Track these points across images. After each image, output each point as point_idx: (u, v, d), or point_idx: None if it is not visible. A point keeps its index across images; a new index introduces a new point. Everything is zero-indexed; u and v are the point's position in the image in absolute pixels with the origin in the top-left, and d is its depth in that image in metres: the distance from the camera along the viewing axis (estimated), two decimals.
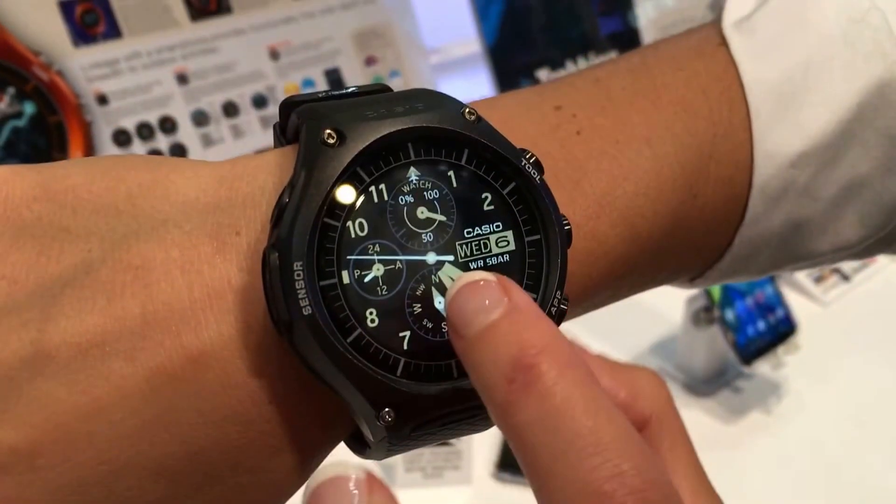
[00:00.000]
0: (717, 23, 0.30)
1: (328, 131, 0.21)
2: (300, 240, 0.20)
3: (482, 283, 0.20)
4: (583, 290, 0.26)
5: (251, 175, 0.22)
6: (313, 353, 0.20)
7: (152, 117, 0.82)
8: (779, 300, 0.94)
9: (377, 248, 0.21)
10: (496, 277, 0.20)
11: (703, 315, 0.89)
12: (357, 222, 0.21)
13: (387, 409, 0.20)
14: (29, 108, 0.76)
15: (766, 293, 0.94)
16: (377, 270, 0.21)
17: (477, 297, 0.20)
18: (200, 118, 0.84)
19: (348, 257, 0.21)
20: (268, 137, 0.87)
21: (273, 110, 0.87)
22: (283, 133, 0.24)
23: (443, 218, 0.22)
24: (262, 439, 0.21)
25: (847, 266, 1.10)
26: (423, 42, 0.94)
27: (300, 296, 0.20)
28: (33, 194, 0.21)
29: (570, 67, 1.05)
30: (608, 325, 0.26)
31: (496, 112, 0.26)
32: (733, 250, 0.29)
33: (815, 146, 0.28)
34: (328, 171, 0.21)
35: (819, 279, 1.08)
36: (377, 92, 0.24)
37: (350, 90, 0.23)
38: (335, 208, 0.21)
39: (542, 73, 1.03)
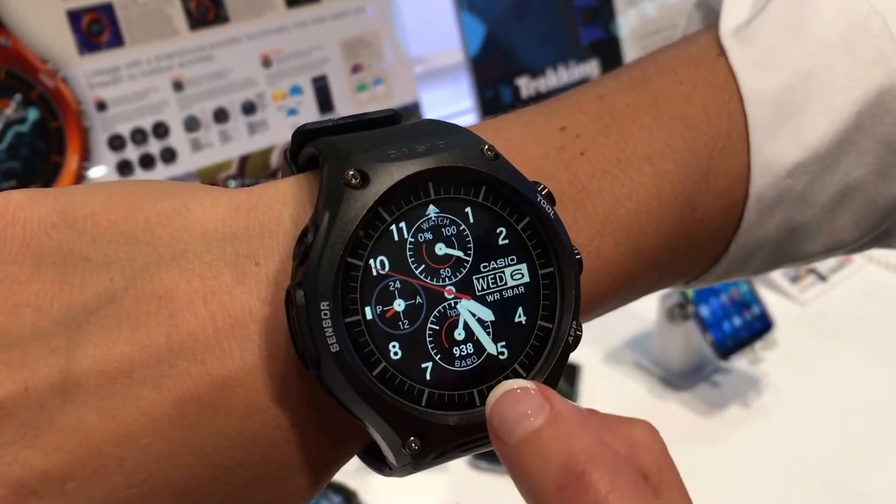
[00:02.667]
0: (713, 28, 0.30)
1: (351, 172, 0.21)
2: (326, 280, 0.20)
3: (522, 390, 0.21)
4: (589, 306, 0.27)
5: (267, 205, 0.23)
6: (341, 388, 0.21)
7: (147, 123, 0.85)
8: (754, 298, 0.97)
9: (398, 284, 0.22)
10: (536, 385, 0.21)
11: (677, 311, 0.91)
12: (378, 260, 0.22)
13: (412, 438, 0.21)
14: (33, 115, 0.79)
15: (740, 291, 0.96)
16: (398, 306, 0.22)
17: (519, 404, 0.20)
18: (192, 124, 0.87)
19: (370, 294, 0.21)
20: (252, 143, 0.91)
21: (260, 117, 0.91)
22: (294, 159, 0.25)
23: (460, 253, 0.23)
24: (283, 459, 0.22)
25: (824, 267, 1.12)
26: (408, 51, 0.97)
27: (327, 334, 0.20)
28: (52, 221, 0.21)
29: (551, 76, 1.09)
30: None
31: (502, 135, 0.27)
32: (729, 256, 0.30)
33: (812, 156, 0.28)
34: (352, 213, 0.21)
35: (795, 279, 1.10)
36: (388, 119, 0.24)
37: (363, 119, 0.24)
38: (358, 247, 0.21)
39: (522, 81, 1.06)
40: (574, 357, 1.05)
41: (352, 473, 0.82)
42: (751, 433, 0.89)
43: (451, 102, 1.08)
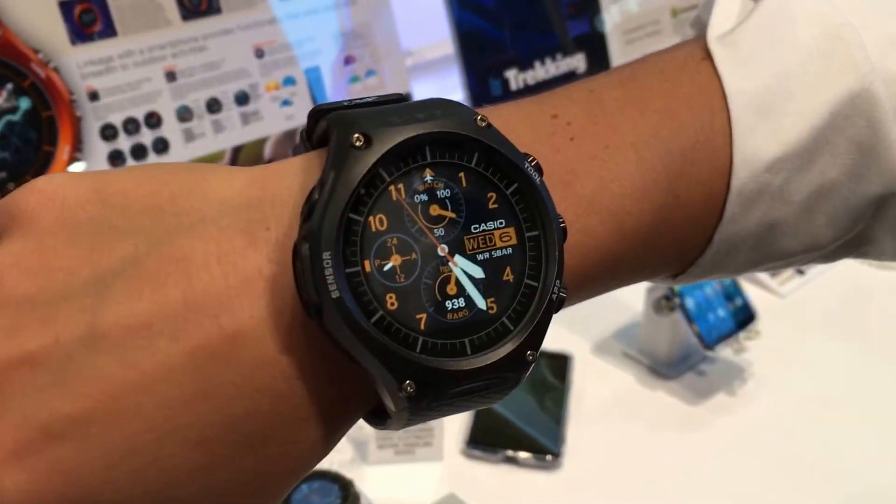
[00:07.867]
0: (700, 38, 0.32)
1: (356, 135, 0.23)
2: (329, 232, 0.22)
3: None
4: (578, 282, 0.28)
5: (279, 177, 0.25)
6: (341, 332, 0.22)
7: (139, 113, 0.84)
8: (737, 290, 0.99)
9: (395, 241, 0.23)
10: None
11: (664, 303, 0.93)
12: (378, 218, 0.23)
13: (408, 382, 0.22)
14: (24, 104, 0.78)
15: (724, 283, 0.98)
16: (395, 261, 0.23)
17: None
18: (185, 114, 0.87)
19: (369, 249, 0.23)
20: (246, 133, 0.91)
21: (253, 107, 0.90)
22: (309, 138, 0.26)
23: (453, 215, 0.24)
24: (291, 411, 0.23)
25: None
26: (400, 44, 0.98)
27: (329, 281, 0.22)
28: (87, 197, 0.23)
29: (539, 69, 1.10)
30: (571, 312, 0.29)
31: (498, 119, 0.28)
32: (713, 248, 0.31)
33: (789, 152, 0.29)
34: (355, 172, 0.23)
35: (775, 273, 1.13)
36: (395, 100, 0.26)
37: (371, 99, 0.26)
38: (359, 205, 0.23)
39: (511, 74, 1.07)
40: (564, 348, 1.06)
41: (347, 464, 0.83)
42: (736, 419, 0.92)
43: (442, 94, 1.08)
